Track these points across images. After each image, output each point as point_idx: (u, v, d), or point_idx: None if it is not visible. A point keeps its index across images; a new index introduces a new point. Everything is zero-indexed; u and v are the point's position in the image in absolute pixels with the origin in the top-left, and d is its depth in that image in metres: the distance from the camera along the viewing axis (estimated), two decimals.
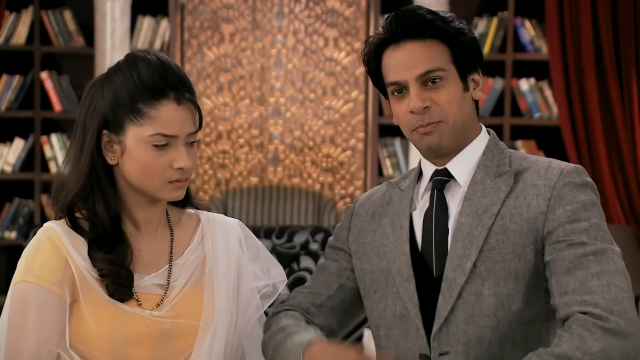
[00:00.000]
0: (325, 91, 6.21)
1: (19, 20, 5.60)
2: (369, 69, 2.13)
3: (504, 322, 1.97)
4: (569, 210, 1.97)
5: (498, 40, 5.58)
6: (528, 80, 5.58)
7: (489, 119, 5.60)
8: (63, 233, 1.97)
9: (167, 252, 2.05)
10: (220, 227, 2.11)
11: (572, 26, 5.27)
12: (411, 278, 2.04)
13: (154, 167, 1.95)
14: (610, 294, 1.89)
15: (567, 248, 1.95)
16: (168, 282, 2.03)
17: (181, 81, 1.98)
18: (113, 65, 2.03)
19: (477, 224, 2.00)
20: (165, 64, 1.97)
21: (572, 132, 5.29)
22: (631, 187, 5.27)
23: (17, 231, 5.61)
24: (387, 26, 2.07)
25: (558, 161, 2.05)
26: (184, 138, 1.97)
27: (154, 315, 1.98)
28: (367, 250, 2.14)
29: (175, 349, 1.99)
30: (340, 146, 6.23)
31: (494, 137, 2.12)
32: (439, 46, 2.04)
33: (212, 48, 6.16)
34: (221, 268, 2.07)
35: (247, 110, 6.21)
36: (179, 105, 1.96)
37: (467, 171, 2.07)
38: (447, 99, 2.04)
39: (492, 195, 2.02)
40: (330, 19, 6.15)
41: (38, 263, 1.95)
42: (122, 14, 5.42)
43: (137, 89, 1.95)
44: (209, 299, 2.03)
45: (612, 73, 5.25)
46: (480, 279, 1.98)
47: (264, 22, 6.16)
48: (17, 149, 5.60)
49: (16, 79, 5.60)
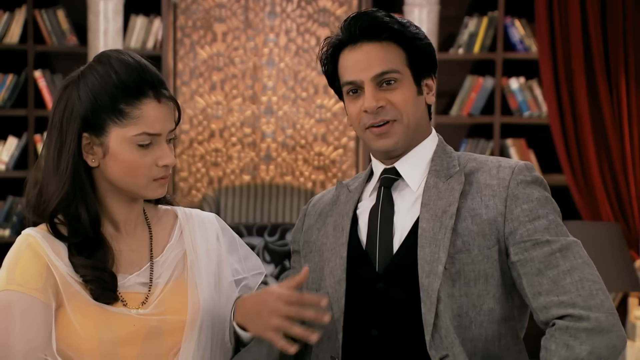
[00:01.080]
0: (317, 90, 6.22)
1: (13, 19, 5.61)
2: (325, 69, 2.14)
3: (475, 321, 1.99)
4: (527, 209, 2.00)
5: (488, 40, 5.60)
6: (518, 79, 5.60)
7: (479, 118, 5.63)
8: (42, 239, 1.93)
9: (148, 250, 2.03)
10: (198, 221, 2.10)
11: (562, 26, 5.28)
12: (342, 281, 2.05)
13: (140, 167, 1.93)
14: (585, 290, 1.93)
15: (533, 248, 1.98)
16: (151, 279, 2.01)
17: (159, 80, 1.96)
18: (84, 66, 1.98)
19: (439, 226, 2.01)
20: (141, 63, 1.95)
21: (561, 130, 5.30)
22: (620, 184, 5.28)
23: (11, 229, 5.60)
24: (345, 27, 2.09)
25: (507, 159, 2.08)
26: (166, 135, 1.96)
27: (141, 314, 1.96)
28: (312, 249, 2.15)
29: (164, 345, 1.98)
30: (332, 144, 6.24)
31: (441, 141, 2.14)
32: (395, 49, 2.07)
33: (204, 47, 6.16)
34: (202, 262, 2.06)
35: (239, 109, 6.22)
36: (159, 103, 1.94)
37: (416, 171, 2.09)
38: (402, 99, 2.06)
39: (448, 196, 2.04)
40: (322, 18, 6.16)
41: (20, 271, 1.91)
42: (115, 13, 5.42)
43: (117, 90, 1.92)
44: (193, 294, 2.01)
45: (601, 72, 5.26)
46: (451, 281, 1.99)
47: (256, 22, 6.17)
48: (10, 147, 5.61)
49: (10, 77, 5.61)
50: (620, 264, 4.54)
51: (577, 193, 5.29)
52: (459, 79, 5.66)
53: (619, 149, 5.28)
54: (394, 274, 2.03)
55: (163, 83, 1.97)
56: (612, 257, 4.51)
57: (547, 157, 5.57)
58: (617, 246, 4.58)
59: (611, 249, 4.54)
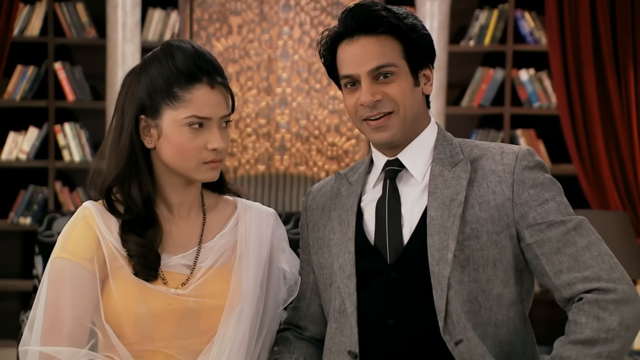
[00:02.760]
0: (330, 81, 6.18)
1: (33, 12, 5.63)
2: (324, 61, 2.15)
3: (485, 305, 2.02)
4: (534, 193, 2.03)
5: (498, 32, 5.61)
6: (528, 71, 5.61)
7: (489, 108, 5.63)
8: (97, 212, 2.02)
9: (198, 235, 2.08)
10: (255, 215, 2.13)
11: (571, 18, 5.27)
12: (353, 276, 2.06)
13: (190, 149, 1.99)
14: (605, 264, 1.97)
15: (549, 228, 2.01)
16: (195, 263, 2.05)
17: (214, 67, 2.01)
18: (149, 54, 2.07)
19: (447, 214, 2.02)
20: (198, 50, 2.02)
21: (570, 121, 5.30)
22: (628, 174, 5.29)
23: (32, 217, 5.64)
24: (342, 20, 2.09)
25: (509, 145, 2.11)
26: (217, 120, 2.01)
27: (178, 294, 2.00)
28: (321, 245, 2.16)
29: (200, 327, 2.02)
30: (344, 135, 6.24)
31: (441, 129, 2.15)
32: (391, 42, 2.07)
33: (220, 39, 6.18)
34: (252, 254, 2.08)
35: (254, 100, 6.23)
36: (212, 89, 2.00)
37: (419, 161, 2.10)
38: (399, 91, 2.06)
39: (455, 184, 2.05)
40: (335, 11, 6.17)
41: (72, 240, 2.00)
42: (133, 6, 5.44)
43: (172, 74, 1.99)
44: (236, 282, 2.04)
45: (610, 63, 5.25)
46: (460, 267, 2.01)
47: (270, 15, 6.19)
48: (31, 137, 5.64)
49: (30, 69, 5.64)
50: (628, 252, 4.54)
51: (585, 182, 5.29)
52: (469, 71, 5.67)
53: (627, 140, 5.29)
54: (406, 263, 2.05)
55: (218, 70, 2.02)
56: (620, 245, 4.50)
57: (557, 147, 5.58)
58: (625, 234, 4.58)
59: (619, 237, 4.53)
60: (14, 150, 5.67)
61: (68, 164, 5.68)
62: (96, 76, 5.74)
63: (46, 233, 4.40)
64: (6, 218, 5.73)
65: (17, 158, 5.67)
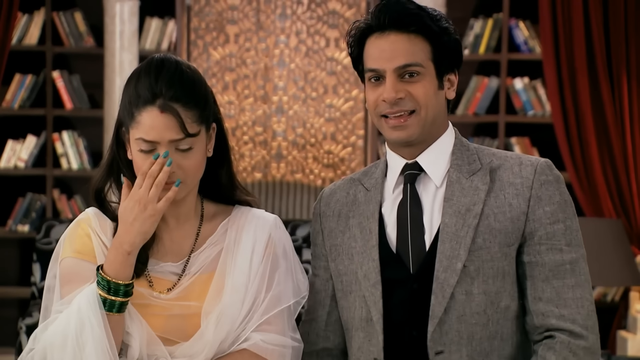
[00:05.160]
0: (326, 90, 6.22)
1: (32, 21, 5.65)
2: (351, 52, 2.10)
3: (493, 318, 2.00)
4: (549, 211, 2.01)
5: (493, 41, 5.63)
6: (522, 79, 5.63)
7: (484, 117, 5.65)
8: (94, 216, 2.07)
9: (190, 245, 2.07)
10: (250, 218, 2.10)
11: (565, 27, 5.29)
12: (378, 284, 2.03)
13: (141, 169, 1.98)
14: (584, 309, 1.99)
15: (547, 252, 2.01)
16: (184, 270, 2.05)
17: (172, 91, 1.97)
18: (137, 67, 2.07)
19: (462, 224, 2.00)
20: (164, 71, 1.98)
21: (564, 129, 5.31)
22: (621, 182, 5.30)
23: (30, 225, 5.66)
24: (375, 14, 2.05)
25: (527, 156, 2.08)
26: (166, 144, 1.97)
27: (162, 298, 2.02)
28: (340, 252, 2.11)
29: (187, 332, 2.02)
30: (341, 143, 6.25)
31: (458, 134, 2.12)
32: (421, 42, 2.03)
33: (217, 48, 6.20)
34: (240, 258, 2.05)
35: (251, 108, 6.25)
36: (161, 113, 1.95)
37: (438, 165, 2.07)
38: (423, 92, 2.02)
39: (472, 194, 2.02)
40: (331, 20, 6.19)
41: (76, 241, 2.05)
42: (131, 15, 5.47)
43: (133, 95, 1.99)
44: (217, 283, 2.03)
45: (603, 72, 5.27)
46: (469, 278, 1.99)
47: (267, 23, 6.20)
48: (29, 145, 5.67)
49: (29, 78, 5.67)
50: (622, 259, 4.52)
51: (579, 190, 5.30)
52: (464, 79, 5.68)
53: (620, 147, 5.30)
54: (426, 274, 2.02)
55: (177, 95, 1.97)
56: (614, 252, 4.50)
57: (551, 155, 5.52)
58: (618, 241, 4.56)
59: (613, 244, 4.52)
60: (12, 158, 5.70)
61: (66, 172, 5.70)
62: (94, 85, 5.76)
63: (44, 240, 4.43)
64: (4, 225, 5.75)
65: (15, 166, 5.69)
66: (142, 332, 1.99)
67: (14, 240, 5.80)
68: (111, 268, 1.97)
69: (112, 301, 1.96)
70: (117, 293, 1.96)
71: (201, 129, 2.00)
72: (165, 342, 2.01)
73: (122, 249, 1.96)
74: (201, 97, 2.01)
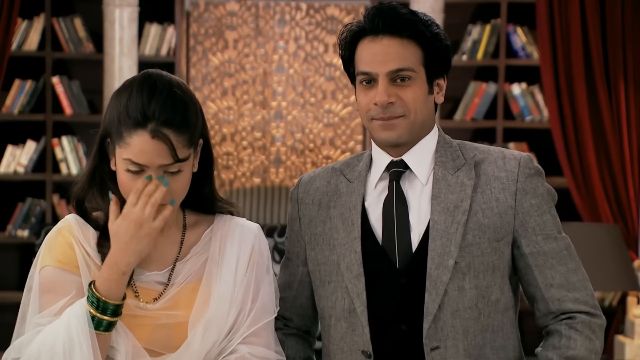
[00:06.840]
0: (325, 95, 6.25)
1: (31, 27, 5.67)
2: (342, 54, 2.11)
3: (484, 312, 2.04)
4: (535, 203, 2.06)
5: (491, 47, 5.65)
6: (520, 85, 5.65)
7: (482, 122, 5.67)
8: (76, 224, 2.04)
9: (175, 253, 2.05)
10: (233, 227, 2.09)
11: (563, 33, 5.31)
12: (361, 276, 2.05)
13: (128, 188, 1.97)
14: (588, 290, 2.08)
15: (545, 241, 2.06)
16: (169, 280, 2.03)
17: (165, 115, 1.94)
18: (129, 79, 2.04)
19: (451, 221, 2.03)
20: (156, 93, 1.95)
21: (562, 134, 5.33)
22: (619, 187, 5.32)
23: (29, 230, 5.67)
24: (368, 17, 2.06)
25: (509, 150, 2.11)
26: (156, 169, 1.94)
27: (148, 308, 1.99)
28: (319, 242, 2.12)
29: (172, 342, 2.00)
30: (339, 148, 6.28)
31: (441, 132, 2.16)
32: (413, 47, 2.05)
33: (216, 54, 6.22)
34: (225, 267, 2.04)
35: (250, 114, 6.27)
36: (152, 138, 1.93)
37: (423, 163, 2.09)
38: (413, 97, 2.05)
39: (459, 190, 2.05)
40: (329, 26, 6.22)
41: (55, 250, 2.01)
42: (130, 21, 5.47)
43: (123, 114, 1.96)
44: (204, 292, 2.01)
45: (601, 78, 5.28)
46: (461, 274, 2.02)
47: (266, 29, 6.22)
48: (29, 150, 5.68)
49: (28, 83, 5.68)
50: (619, 264, 4.52)
51: (577, 195, 5.33)
52: (463, 85, 5.71)
53: (618, 153, 5.32)
54: (415, 270, 2.04)
55: (169, 121, 1.94)
56: (611, 257, 4.50)
57: (548, 160, 5.59)
58: (616, 247, 4.56)
59: (611, 249, 4.52)
60: (12, 163, 5.71)
61: (65, 177, 5.72)
62: (93, 90, 5.78)
63: None
64: (4, 230, 5.76)
65: (15, 171, 5.71)
66: (127, 345, 1.97)
67: (13, 245, 5.81)
68: (104, 286, 1.94)
69: (100, 319, 1.94)
70: (105, 312, 1.94)
71: (190, 152, 1.99)
72: (151, 354, 1.99)
73: (117, 268, 1.94)
74: (192, 120, 1.98)
